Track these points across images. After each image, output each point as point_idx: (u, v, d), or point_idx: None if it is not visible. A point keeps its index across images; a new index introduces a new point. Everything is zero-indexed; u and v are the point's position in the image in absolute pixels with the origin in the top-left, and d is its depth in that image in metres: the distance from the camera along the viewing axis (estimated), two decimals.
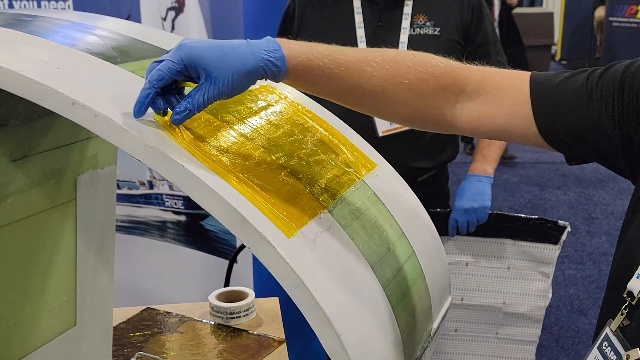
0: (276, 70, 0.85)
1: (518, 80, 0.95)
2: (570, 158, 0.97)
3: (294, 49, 0.86)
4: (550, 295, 2.08)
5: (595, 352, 0.87)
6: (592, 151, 0.92)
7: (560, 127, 0.91)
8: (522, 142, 0.97)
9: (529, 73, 0.96)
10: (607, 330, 0.86)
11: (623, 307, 0.84)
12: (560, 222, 1.99)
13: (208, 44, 0.83)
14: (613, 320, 0.86)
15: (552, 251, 2.03)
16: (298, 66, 0.86)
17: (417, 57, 0.93)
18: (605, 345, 0.86)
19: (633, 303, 0.83)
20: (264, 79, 0.86)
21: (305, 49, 0.87)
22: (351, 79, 0.89)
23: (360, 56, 0.90)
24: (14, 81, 0.81)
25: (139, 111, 0.82)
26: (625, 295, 0.84)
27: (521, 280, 2.07)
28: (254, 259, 2.23)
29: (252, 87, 0.89)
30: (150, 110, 0.85)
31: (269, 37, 0.87)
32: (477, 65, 0.98)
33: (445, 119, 0.95)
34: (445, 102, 0.94)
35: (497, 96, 0.94)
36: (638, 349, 0.80)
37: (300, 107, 1.12)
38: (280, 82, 0.89)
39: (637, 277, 0.83)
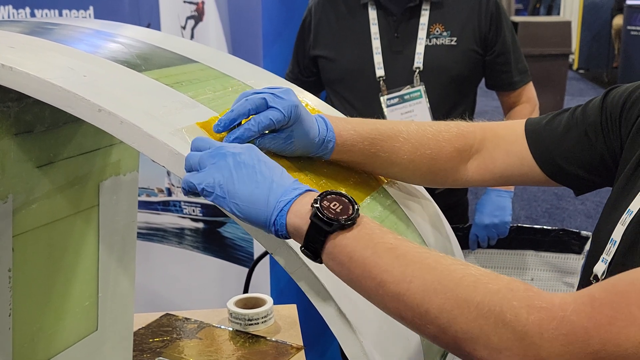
0: (326, 151, 0.96)
1: (512, 125, 1.08)
2: (574, 187, 1.06)
3: (343, 135, 0.97)
4: None
5: None
6: (590, 170, 1.01)
7: (556, 153, 1.02)
8: (523, 180, 1.07)
9: (524, 120, 1.09)
10: None
11: None
12: (583, 233, 1.97)
13: (306, 110, 0.93)
14: None
15: (575, 261, 2.00)
16: (343, 149, 0.98)
17: (434, 127, 1.06)
18: None
19: None
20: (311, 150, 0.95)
21: (350, 134, 0.98)
22: (384, 155, 1.01)
23: (390, 132, 1.02)
24: (42, 88, 0.83)
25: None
26: (592, 279, 0.88)
27: (546, 290, 2.04)
28: (271, 266, 2.23)
29: None
30: (190, 115, 0.88)
31: (331, 127, 0.96)
32: (475, 121, 1.11)
33: (460, 175, 1.08)
34: (460, 161, 1.07)
35: (494, 142, 1.07)
36: None
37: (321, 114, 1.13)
38: (302, 92, 0.91)
39: (602, 261, 0.88)
